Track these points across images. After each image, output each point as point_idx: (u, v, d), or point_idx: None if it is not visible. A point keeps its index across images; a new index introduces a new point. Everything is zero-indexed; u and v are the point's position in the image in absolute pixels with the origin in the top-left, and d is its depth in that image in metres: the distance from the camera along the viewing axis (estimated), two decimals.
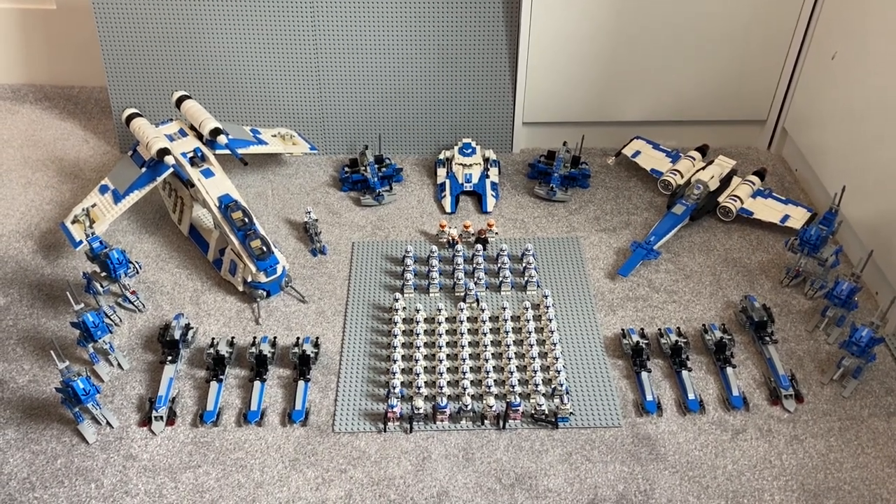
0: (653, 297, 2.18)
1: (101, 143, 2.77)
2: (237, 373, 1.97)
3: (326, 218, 2.44)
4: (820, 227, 2.11)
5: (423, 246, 2.34)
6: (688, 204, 2.37)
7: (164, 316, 2.12)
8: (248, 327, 2.09)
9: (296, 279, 2.22)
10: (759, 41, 2.52)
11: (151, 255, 2.31)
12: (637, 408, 1.89)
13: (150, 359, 2.00)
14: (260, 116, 2.68)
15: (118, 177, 2.25)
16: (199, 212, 2.35)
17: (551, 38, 2.50)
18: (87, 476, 1.74)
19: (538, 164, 2.58)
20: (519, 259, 2.28)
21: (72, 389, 1.74)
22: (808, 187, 2.56)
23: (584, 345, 2.04)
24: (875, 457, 1.78)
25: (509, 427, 1.84)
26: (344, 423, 1.85)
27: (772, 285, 2.21)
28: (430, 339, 2.03)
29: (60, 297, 2.15)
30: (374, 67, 2.58)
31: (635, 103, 2.66)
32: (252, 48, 2.55)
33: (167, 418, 1.85)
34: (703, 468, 1.76)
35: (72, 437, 1.82)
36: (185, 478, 1.74)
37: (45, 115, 2.92)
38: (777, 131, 2.71)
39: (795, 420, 1.85)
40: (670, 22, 2.47)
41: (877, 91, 2.15)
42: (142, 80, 2.62)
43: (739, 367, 1.97)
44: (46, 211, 2.46)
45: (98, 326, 1.90)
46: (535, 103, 2.64)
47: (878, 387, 1.93)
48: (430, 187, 2.58)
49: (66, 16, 2.88)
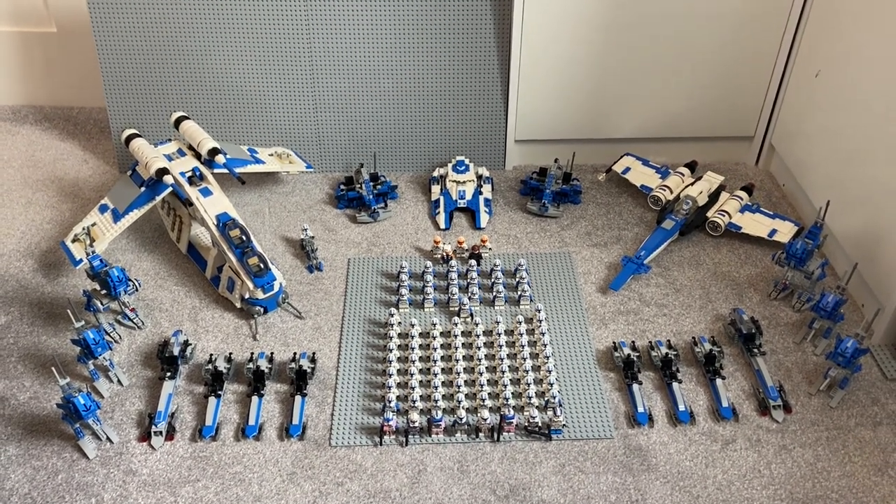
0: (643, 310, 2.22)
1: (100, 163, 2.81)
2: (235, 388, 2.00)
3: (322, 235, 2.48)
4: (806, 241, 2.15)
5: (417, 262, 2.37)
6: (677, 219, 2.41)
7: (163, 333, 2.15)
8: (246, 343, 2.12)
9: (292, 295, 2.25)
10: (745, 60, 2.57)
11: (150, 272, 2.34)
12: (629, 419, 1.92)
13: (149, 375, 2.03)
14: (257, 136, 2.72)
15: (117, 196, 2.28)
16: (197, 230, 2.38)
17: (542, 58, 2.55)
18: (88, 491, 1.76)
19: (530, 181, 2.62)
20: (512, 274, 2.32)
21: (73, 405, 1.77)
22: (795, 202, 2.61)
23: (576, 358, 2.07)
24: (862, 465, 1.81)
25: (503, 439, 1.87)
26: (340, 437, 1.88)
27: (760, 298, 2.25)
28: (425, 353, 2.06)
29: (61, 315, 2.17)
30: (369, 87, 2.63)
31: (625, 121, 2.71)
32: (249, 69, 2.60)
33: (166, 433, 1.87)
34: (694, 478, 1.78)
35: (72, 452, 1.84)
36: (185, 492, 1.76)
37: (45, 135, 2.95)
38: (764, 147, 2.76)
39: (784, 430, 1.89)
40: (659, 41, 2.53)
41: (860, 108, 2.20)
42: (141, 101, 2.66)
43: (729, 379, 2.01)
44: (47, 230, 2.49)
45: (98, 343, 1.92)
46: (527, 121, 2.69)
47: (865, 397, 1.96)
48: (424, 204, 2.62)
49: (66, 38, 2.93)
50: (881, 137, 2.11)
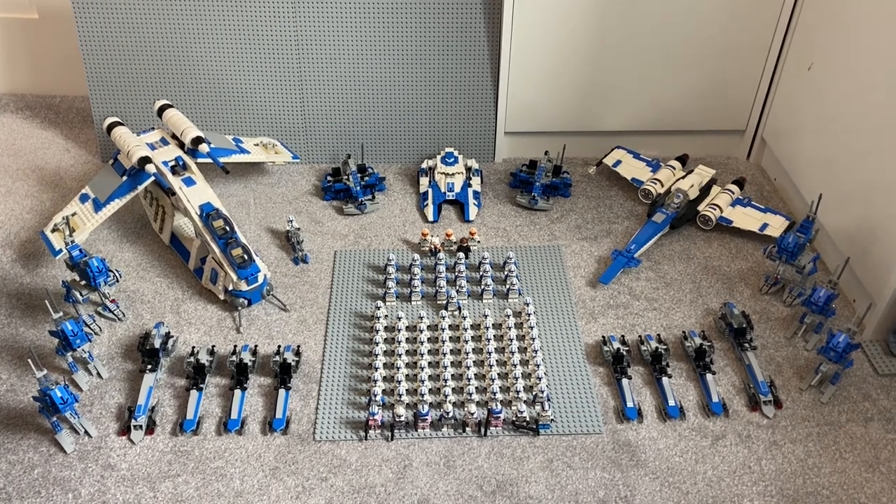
0: (633, 304, 2.19)
1: (82, 153, 2.76)
2: (217, 381, 1.96)
3: (309, 227, 2.44)
4: (797, 235, 2.13)
5: (405, 254, 2.34)
6: (668, 212, 2.39)
7: (144, 325, 2.11)
8: (229, 336, 2.08)
9: (277, 288, 2.22)
10: (737, 53, 2.55)
11: (132, 263, 2.30)
12: (618, 414, 1.89)
13: (129, 368, 1.99)
14: (242, 125, 2.68)
15: (99, 185, 2.24)
16: (180, 220, 2.34)
17: (533, 49, 2.52)
18: (65, 486, 1.72)
19: (520, 174, 2.59)
20: (501, 267, 2.29)
21: (49, 398, 1.73)
22: (786, 196, 2.59)
23: (565, 352, 2.04)
24: (853, 462, 1.79)
25: (491, 434, 1.84)
26: (325, 432, 1.84)
27: (751, 293, 2.23)
28: (411, 346, 2.03)
29: (39, 307, 2.13)
30: (357, 77, 2.59)
31: (616, 113, 2.69)
32: (234, 57, 2.56)
33: (146, 427, 1.83)
34: (684, 474, 1.76)
35: (49, 446, 1.80)
36: (165, 487, 1.72)
37: (26, 124, 2.90)
38: (756, 141, 2.74)
39: (774, 426, 1.87)
40: (651, 33, 2.50)
41: (852, 101, 2.19)
42: (123, 90, 2.62)
43: (719, 374, 1.99)
44: (26, 220, 2.45)
45: (77, 335, 1.88)
46: (517, 113, 2.66)
47: (856, 392, 1.95)
48: (412, 196, 2.59)
49: (48, 25, 2.87)
50: (873, 132, 2.09)
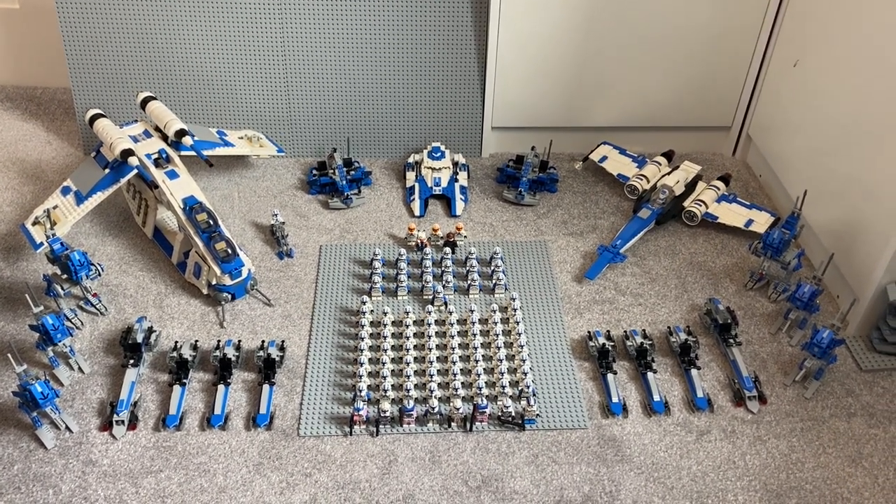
0: (619, 299, 2.19)
1: (64, 145, 2.72)
2: (201, 377, 1.95)
3: (294, 221, 2.43)
4: (782, 231, 2.14)
5: (391, 249, 2.33)
6: (654, 208, 2.39)
7: (126, 319, 2.08)
8: (213, 331, 2.07)
9: (262, 282, 2.20)
10: (723, 49, 2.55)
11: (115, 257, 2.27)
12: (603, 409, 1.89)
13: (111, 362, 1.97)
14: (226, 118, 2.65)
15: (81, 178, 2.21)
16: (163, 214, 2.32)
17: (520, 44, 2.51)
18: (45, 482, 1.70)
19: (507, 169, 2.58)
20: (487, 262, 2.28)
21: (29, 393, 1.70)
22: (771, 192, 2.60)
23: (550, 347, 2.04)
24: (836, 456, 1.80)
25: (476, 429, 1.83)
26: (309, 427, 1.83)
27: (736, 288, 2.24)
28: (397, 342, 2.03)
29: (20, 300, 2.10)
30: (343, 70, 2.57)
31: (603, 109, 2.69)
32: (219, 49, 2.53)
33: (129, 423, 1.81)
34: (668, 469, 1.77)
35: (29, 442, 1.78)
36: (147, 483, 1.71)
37: (7, 115, 2.86)
38: (741, 138, 2.75)
39: (759, 421, 1.87)
40: (637, 30, 2.50)
41: (837, 98, 2.19)
42: (106, 81, 2.58)
43: (704, 369, 1.99)
44: (6, 213, 2.41)
45: (58, 329, 1.86)
46: (504, 108, 2.65)
47: (839, 388, 1.96)
48: (398, 191, 2.58)
49: (29, 15, 2.83)
50: (858, 129, 2.10)
